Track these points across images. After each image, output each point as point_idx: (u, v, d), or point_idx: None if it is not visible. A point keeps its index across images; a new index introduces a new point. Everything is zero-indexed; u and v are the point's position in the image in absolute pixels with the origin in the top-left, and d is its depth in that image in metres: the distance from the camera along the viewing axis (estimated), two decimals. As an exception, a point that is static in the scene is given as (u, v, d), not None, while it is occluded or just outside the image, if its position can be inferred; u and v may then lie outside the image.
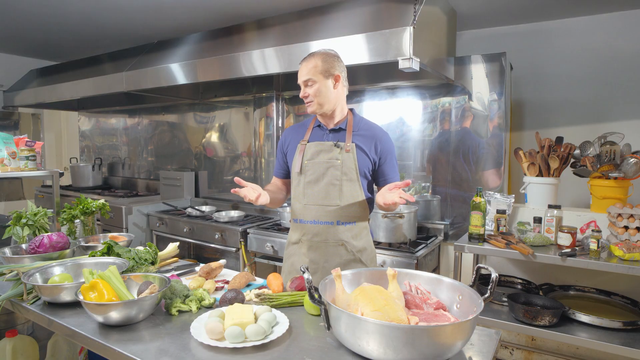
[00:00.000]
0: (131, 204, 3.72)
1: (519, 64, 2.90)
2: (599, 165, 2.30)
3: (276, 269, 3.21)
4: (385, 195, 1.51)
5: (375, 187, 1.87)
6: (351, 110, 1.84)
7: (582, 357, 2.46)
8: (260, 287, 1.57)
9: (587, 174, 2.37)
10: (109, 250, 1.71)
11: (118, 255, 1.69)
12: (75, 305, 1.40)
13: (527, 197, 2.56)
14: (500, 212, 2.40)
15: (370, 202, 1.81)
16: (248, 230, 3.08)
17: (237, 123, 3.95)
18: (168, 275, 1.66)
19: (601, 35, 2.70)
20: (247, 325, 1.15)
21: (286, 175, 1.93)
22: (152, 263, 1.75)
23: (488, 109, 2.72)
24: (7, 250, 1.79)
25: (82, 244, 2.01)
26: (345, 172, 1.72)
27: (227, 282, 1.67)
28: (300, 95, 1.74)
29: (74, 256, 1.82)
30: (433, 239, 2.77)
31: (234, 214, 3.47)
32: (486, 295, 1.12)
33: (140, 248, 1.79)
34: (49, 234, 1.82)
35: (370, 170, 1.77)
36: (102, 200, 2.31)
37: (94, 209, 2.24)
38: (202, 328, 1.18)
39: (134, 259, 1.68)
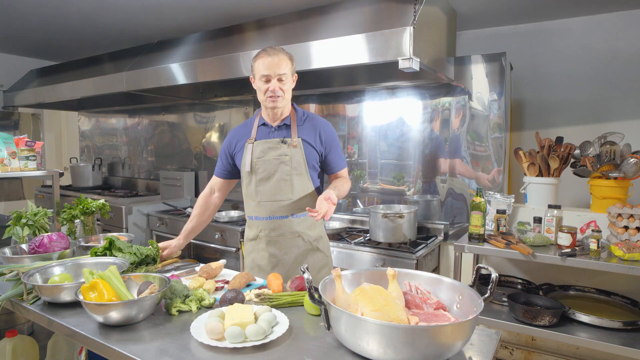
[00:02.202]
0: (131, 204, 3.72)
1: (519, 64, 2.90)
2: (599, 165, 2.30)
3: (276, 269, 3.21)
4: (319, 202, 1.61)
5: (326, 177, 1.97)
6: (293, 105, 1.89)
7: (582, 357, 2.46)
8: (260, 287, 1.57)
9: (587, 174, 2.37)
10: (110, 246, 1.71)
11: (120, 250, 1.69)
12: (75, 305, 1.40)
13: (527, 197, 2.56)
14: (500, 212, 2.40)
15: (319, 191, 1.87)
16: (248, 230, 3.08)
17: (237, 123, 3.92)
18: (168, 275, 1.66)
19: (601, 35, 2.70)
20: (247, 325, 1.15)
21: (227, 176, 1.98)
22: (154, 260, 1.75)
23: (488, 109, 2.72)
24: (7, 250, 1.79)
25: (82, 244, 2.01)
26: (294, 166, 1.78)
27: (227, 282, 1.66)
28: (268, 88, 1.73)
29: (74, 256, 1.82)
30: (433, 239, 2.77)
31: (234, 214, 3.46)
32: (486, 295, 1.12)
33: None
34: (49, 234, 1.82)
35: (318, 161, 1.84)
36: (102, 200, 2.30)
37: (94, 209, 2.24)
38: (202, 328, 1.18)
39: (135, 254, 1.68)
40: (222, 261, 1.82)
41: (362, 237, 2.78)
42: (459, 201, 2.87)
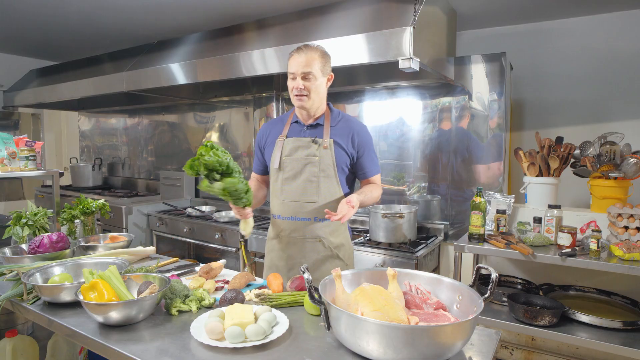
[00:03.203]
0: (131, 204, 3.72)
1: (519, 64, 2.90)
2: (599, 165, 2.30)
3: (276, 269, 3.21)
4: (340, 206, 1.59)
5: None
6: (328, 104, 1.84)
7: (582, 357, 2.46)
8: (260, 287, 1.57)
9: (587, 174, 2.37)
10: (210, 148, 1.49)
11: (217, 156, 1.46)
12: (75, 305, 1.40)
13: (527, 197, 2.56)
14: (500, 212, 2.40)
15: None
16: (248, 230, 3.07)
17: (237, 123, 3.95)
18: (168, 275, 1.66)
19: (601, 35, 2.70)
20: (247, 325, 1.15)
21: (265, 172, 1.94)
22: (246, 195, 1.57)
23: (488, 109, 2.72)
24: (7, 250, 1.79)
25: (82, 244, 2.01)
26: (322, 168, 1.73)
27: (227, 282, 1.67)
28: (294, 86, 1.69)
29: (74, 256, 1.82)
30: (433, 239, 2.77)
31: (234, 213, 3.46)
32: (486, 295, 1.12)
33: None
34: (49, 234, 1.82)
35: (348, 165, 1.78)
36: (102, 200, 2.31)
37: (94, 209, 2.24)
38: (202, 328, 1.18)
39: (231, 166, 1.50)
40: (222, 261, 1.82)
41: (362, 237, 2.78)
42: (459, 201, 2.87)
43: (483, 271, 2.46)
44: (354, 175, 1.85)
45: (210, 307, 1.40)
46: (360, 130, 1.79)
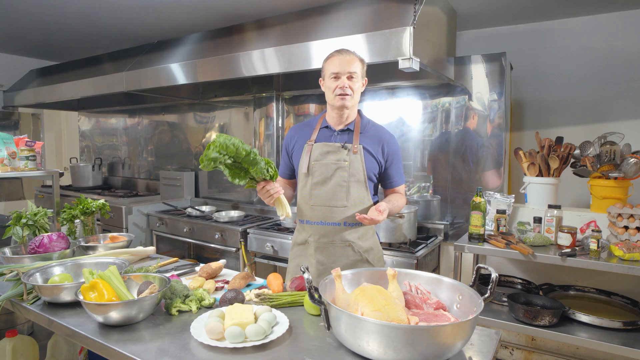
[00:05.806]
0: (131, 204, 3.72)
1: (519, 64, 2.90)
2: (599, 165, 2.30)
3: (276, 269, 3.21)
4: (370, 211, 1.64)
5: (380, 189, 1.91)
6: (359, 111, 1.85)
7: (582, 357, 2.46)
8: (260, 287, 1.57)
9: (587, 174, 2.37)
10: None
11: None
12: (75, 305, 1.40)
13: (527, 197, 2.56)
14: (500, 212, 2.40)
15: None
16: (248, 230, 3.08)
17: (237, 123, 3.95)
18: (168, 275, 1.66)
19: (601, 35, 2.70)
20: (247, 325, 1.15)
21: (291, 176, 1.94)
22: (270, 177, 1.58)
23: (488, 109, 2.72)
24: (7, 250, 1.79)
25: (82, 244, 2.01)
26: (352, 173, 1.73)
27: (227, 282, 1.67)
28: (338, 85, 1.69)
29: (74, 256, 1.82)
30: (433, 239, 2.77)
31: (234, 214, 3.47)
32: (486, 295, 1.12)
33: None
34: (49, 234, 1.82)
35: (376, 173, 1.79)
36: (102, 200, 2.31)
37: (94, 209, 2.24)
38: (202, 328, 1.18)
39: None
40: (222, 261, 1.82)
41: (362, 237, 2.78)
42: (459, 201, 2.87)
43: (483, 271, 2.46)
44: (379, 184, 1.87)
45: (210, 307, 1.40)
46: (390, 139, 1.82)
